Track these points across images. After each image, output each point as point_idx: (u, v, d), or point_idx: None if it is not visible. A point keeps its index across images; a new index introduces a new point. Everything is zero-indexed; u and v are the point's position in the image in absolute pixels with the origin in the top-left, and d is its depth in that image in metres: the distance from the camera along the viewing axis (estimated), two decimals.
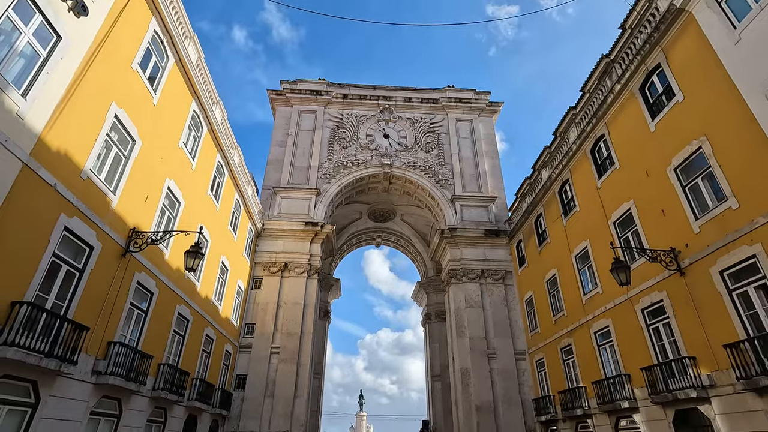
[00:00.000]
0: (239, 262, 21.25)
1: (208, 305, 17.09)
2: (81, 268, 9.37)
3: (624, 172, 14.66)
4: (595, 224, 16.19)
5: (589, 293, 16.49)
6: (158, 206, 12.75)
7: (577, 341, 17.21)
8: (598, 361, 15.63)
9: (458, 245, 25.28)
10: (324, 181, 27.13)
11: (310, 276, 23.94)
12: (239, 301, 21.59)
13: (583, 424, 16.71)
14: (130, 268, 11.28)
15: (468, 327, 22.85)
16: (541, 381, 20.67)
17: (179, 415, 14.67)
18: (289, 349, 21.61)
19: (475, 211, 26.72)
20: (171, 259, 13.65)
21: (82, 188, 9.27)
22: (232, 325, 20.42)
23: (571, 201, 18.42)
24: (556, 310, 19.40)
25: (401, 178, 28.22)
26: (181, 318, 14.65)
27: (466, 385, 21.60)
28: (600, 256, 15.90)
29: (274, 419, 19.96)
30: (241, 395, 20.45)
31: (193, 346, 15.80)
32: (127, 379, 10.74)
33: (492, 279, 24.38)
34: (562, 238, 18.87)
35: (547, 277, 20.10)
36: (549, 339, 19.71)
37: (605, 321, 15.28)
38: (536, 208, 21.72)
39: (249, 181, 22.15)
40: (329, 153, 28.33)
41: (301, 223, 24.68)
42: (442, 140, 29.72)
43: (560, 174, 19.10)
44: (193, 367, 15.78)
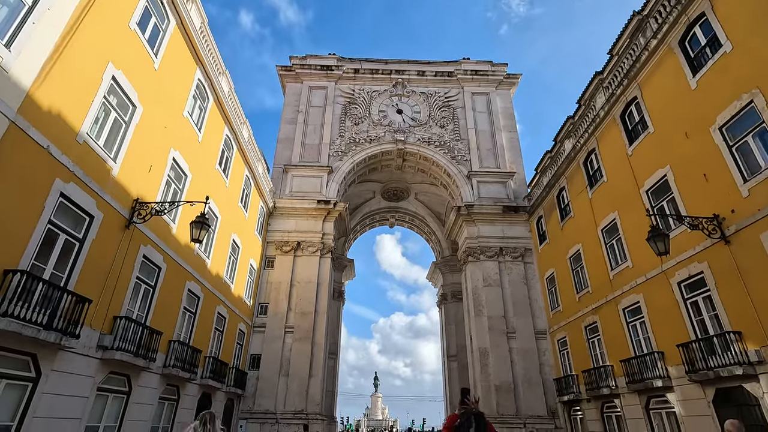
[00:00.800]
0: (251, 240, 20.78)
1: (219, 283, 16.68)
2: (81, 239, 8.86)
3: (659, 136, 13.53)
4: (625, 194, 15.14)
5: (617, 268, 15.55)
6: (163, 178, 12.17)
7: (604, 318, 16.35)
8: (627, 338, 14.78)
9: (475, 222, 24.40)
10: (336, 159, 26.37)
11: (323, 255, 23.41)
12: (252, 281, 21.21)
13: (610, 404, 15.98)
14: (135, 240, 10.77)
15: (486, 306, 22.14)
16: (563, 360, 19.93)
17: (192, 393, 14.39)
18: (303, 328, 21.25)
19: (492, 188, 25.72)
20: (179, 233, 13.15)
21: (78, 153, 8.69)
22: (245, 305, 20.08)
23: (598, 172, 17.34)
24: (579, 287, 18.51)
25: (415, 154, 27.28)
26: (192, 295, 14.23)
27: (484, 365, 21.01)
28: (630, 228, 14.90)
29: (290, 398, 19.72)
30: (255, 374, 20.22)
31: (205, 324, 15.44)
32: (135, 355, 10.34)
33: (511, 257, 23.51)
34: (587, 211, 17.85)
35: (571, 253, 19.16)
36: (572, 317, 18.88)
37: (635, 297, 14.38)
38: (558, 182, 20.65)
39: (259, 157, 21.52)
40: (341, 130, 27.49)
41: (313, 201, 24.06)
42: (457, 115, 28.58)
43: (585, 143, 17.97)
44: (206, 345, 15.44)
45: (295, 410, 19.49)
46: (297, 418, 19.25)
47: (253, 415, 19.21)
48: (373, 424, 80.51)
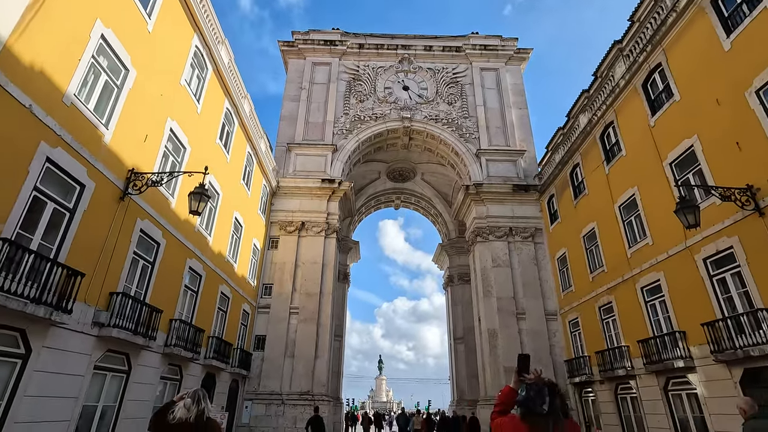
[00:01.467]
0: (254, 220, 20.23)
1: (221, 262, 16.18)
2: (72, 209, 8.28)
3: (686, 104, 12.71)
4: (646, 168, 14.38)
5: (636, 246, 14.89)
6: (160, 149, 11.54)
7: (620, 298, 15.77)
8: (645, 318, 14.21)
9: (484, 202, 23.71)
10: (340, 137, 25.60)
11: (328, 235, 22.86)
12: (255, 261, 20.74)
13: (624, 385, 15.52)
14: (131, 213, 10.20)
15: (495, 287, 21.61)
16: (575, 342, 19.45)
17: (195, 373, 14.01)
18: (308, 309, 20.84)
19: (502, 166, 24.93)
20: (178, 208, 12.57)
21: (65, 115, 8.04)
22: (249, 285, 19.64)
23: (616, 146, 16.54)
24: (594, 266, 17.90)
25: (422, 132, 26.45)
26: (193, 272, 13.73)
27: (493, 346, 20.58)
28: (651, 203, 14.20)
29: (295, 379, 19.42)
30: (260, 355, 19.91)
31: (208, 304, 14.99)
32: (134, 333, 9.88)
33: (521, 237, 22.87)
34: (603, 187, 17.11)
35: (585, 232, 18.50)
36: (585, 297, 18.32)
37: (655, 275, 13.75)
38: (572, 158, 19.85)
39: (261, 134, 20.81)
40: (345, 107, 26.64)
41: (317, 180, 23.40)
42: (465, 91, 27.61)
43: (603, 116, 17.12)
44: (209, 324, 15.02)
45: (301, 391, 19.21)
46: (303, 399, 18.98)
47: (259, 396, 18.95)
48: (377, 406, 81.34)
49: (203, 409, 3.44)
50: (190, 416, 3.35)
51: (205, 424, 3.38)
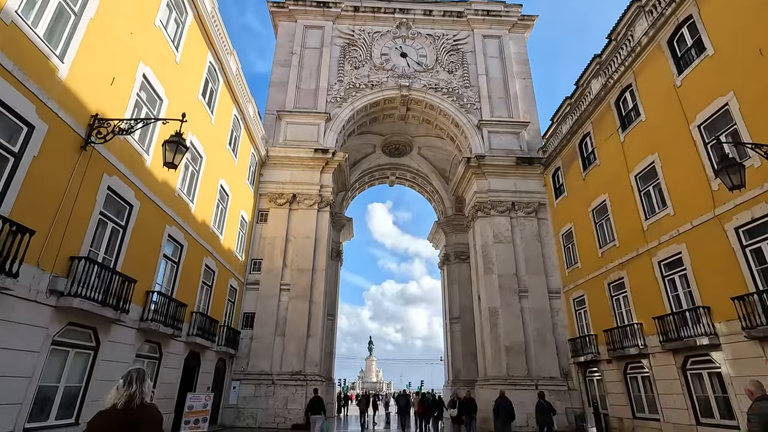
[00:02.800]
0: (242, 190, 18.81)
1: (206, 232, 14.83)
2: (17, 153, 6.86)
3: (720, 57, 11.53)
4: (669, 133, 13.28)
5: (654, 217, 13.90)
6: (131, 97, 10.04)
7: (633, 273, 14.86)
8: (663, 294, 13.31)
9: (486, 175, 22.55)
10: (334, 105, 24.05)
11: (321, 209, 21.56)
12: (243, 235, 19.40)
13: (635, 364, 14.74)
14: (96, 167, 8.79)
15: (497, 264, 20.64)
16: (580, 320, 18.66)
17: (177, 351, 12.81)
18: (300, 286, 19.66)
19: (504, 138, 23.71)
20: (155, 168, 11.14)
21: (4, 36, 6.55)
22: (236, 260, 18.35)
23: (633, 111, 15.38)
24: (603, 241, 16.95)
25: (421, 102, 25.01)
26: (173, 241, 12.39)
27: (494, 324, 19.71)
28: (673, 170, 13.14)
29: (286, 358, 18.36)
30: (249, 334, 18.76)
31: (191, 277, 13.70)
32: (102, 304, 8.60)
33: (523, 212, 21.84)
34: (617, 156, 16.02)
35: (594, 205, 17.48)
36: (592, 274, 17.43)
37: (676, 247, 12.79)
38: (582, 127, 18.69)
39: (249, 98, 19.20)
40: (339, 74, 25.00)
41: (309, 150, 21.95)
42: (467, 59, 26.12)
43: (620, 79, 15.90)
44: (192, 299, 13.76)
45: (293, 371, 18.18)
46: (295, 380, 17.97)
47: (247, 376, 17.88)
48: (367, 386, 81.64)
49: (135, 392, 2.54)
50: (119, 402, 2.54)
51: (136, 410, 2.60)
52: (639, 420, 14.48)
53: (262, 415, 17.23)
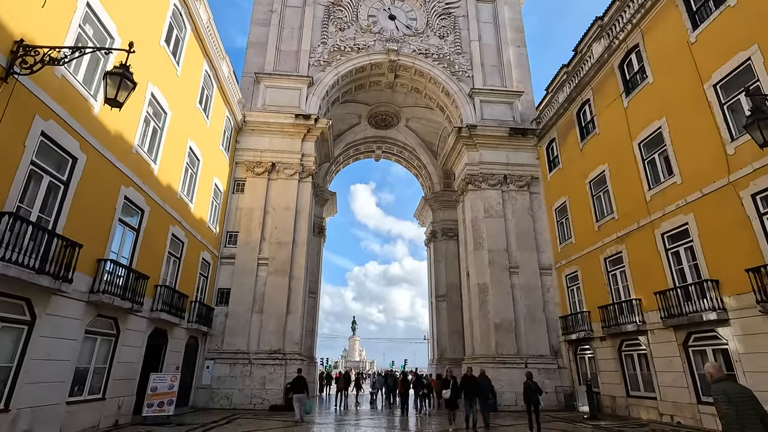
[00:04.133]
0: (215, 156, 17.25)
1: (172, 198, 13.37)
2: None
3: (743, 9, 10.47)
4: (679, 95, 12.29)
5: (658, 187, 13.03)
6: (70, 27, 8.43)
7: (633, 247, 14.09)
8: (665, 268, 12.56)
9: (477, 147, 21.43)
10: (317, 69, 22.37)
11: (303, 179, 20.16)
12: (218, 204, 17.94)
13: (631, 341, 14.12)
14: (25, 106, 7.28)
15: (487, 239, 19.73)
16: (572, 297, 17.99)
17: (138, 327, 11.50)
18: (279, 260, 18.41)
19: (497, 108, 22.53)
20: (105, 117, 9.62)
21: None
22: (209, 231, 16.93)
23: (640, 73, 14.34)
24: (601, 214, 16.13)
25: (410, 68, 23.51)
26: (131, 205, 10.93)
27: (483, 301, 18.92)
28: (682, 135, 12.21)
29: (264, 337, 17.24)
30: (224, 311, 17.52)
31: (155, 246, 12.30)
32: (37, 272, 7.24)
33: (516, 186, 20.89)
34: (619, 124, 15.04)
35: (592, 176, 16.59)
36: (587, 249, 16.67)
37: (682, 218, 11.96)
38: (581, 94, 17.63)
39: (223, 54, 17.46)
40: (323, 36, 23.24)
41: (290, 116, 20.37)
42: (459, 24, 24.62)
43: (625, 40, 14.78)
44: (156, 271, 12.40)
45: (271, 350, 17.09)
46: (273, 359, 16.90)
47: (222, 355, 16.72)
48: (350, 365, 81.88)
49: None
50: None
51: None
52: (633, 399, 13.94)
53: (238, 395, 16.17)
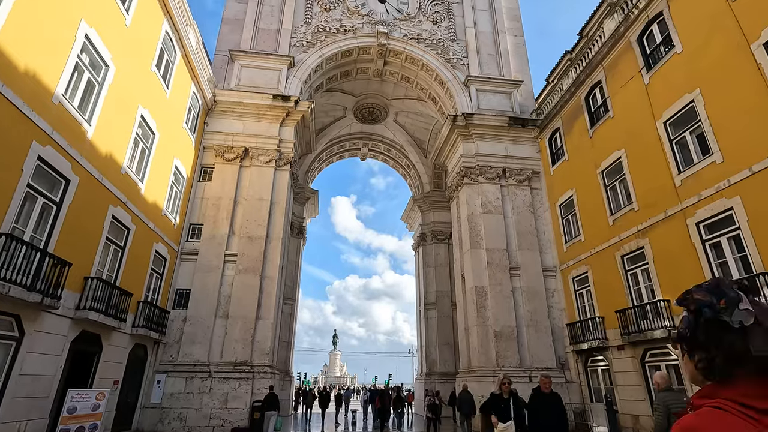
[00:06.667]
0: (176, 134, 14.88)
1: (114, 173, 10.94)
2: None
3: None
4: (716, 61, 10.64)
5: (691, 169, 11.26)
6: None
7: (658, 241, 12.25)
8: (702, 262, 10.70)
9: (473, 137, 19.59)
10: (299, 50, 20.33)
11: (280, 166, 17.89)
12: (179, 192, 15.50)
13: (658, 350, 12.17)
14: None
15: (485, 237, 17.74)
16: (581, 302, 16.06)
17: (57, 330, 8.95)
18: (249, 256, 15.98)
19: (494, 98, 20.81)
20: (11, 48, 7.27)
21: None
22: (166, 221, 14.45)
23: (664, 44, 12.70)
24: (616, 206, 14.34)
25: (400, 54, 21.69)
26: (48, 170, 8.49)
27: (481, 307, 16.81)
28: (721, 108, 10.51)
29: (229, 346, 14.69)
30: (182, 315, 14.94)
31: (83, 228, 9.81)
32: None
33: (515, 180, 19.06)
34: (638, 103, 13.35)
35: (605, 165, 14.83)
36: (600, 247, 14.81)
37: (724, 203, 10.18)
38: (591, 76, 15.99)
39: (190, 20, 15.27)
40: (307, 15, 21.28)
41: (267, 96, 18.16)
42: (453, 11, 23.04)
43: (645, 9, 13.19)
44: (84, 259, 9.88)
45: (237, 361, 14.54)
46: (239, 372, 14.34)
47: (177, 368, 14.08)
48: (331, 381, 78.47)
49: None
50: None
51: None
52: None
53: (194, 416, 13.52)
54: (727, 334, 1.00)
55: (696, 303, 1.07)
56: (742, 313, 1.00)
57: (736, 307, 1.01)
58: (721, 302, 1.03)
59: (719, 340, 1.01)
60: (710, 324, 1.03)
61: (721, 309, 1.02)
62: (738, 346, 0.98)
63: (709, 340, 1.02)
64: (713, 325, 1.02)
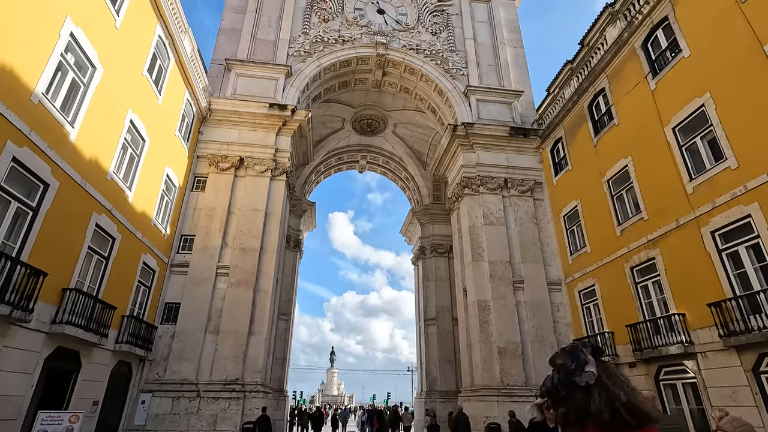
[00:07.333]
0: (168, 141, 14.43)
1: (98, 177, 10.41)
2: None
3: None
4: (726, 65, 10.28)
5: (703, 175, 10.80)
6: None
7: (670, 251, 11.69)
8: (719, 273, 10.14)
9: (474, 147, 19.20)
10: (297, 60, 20.08)
11: (276, 176, 17.40)
12: (170, 201, 14.96)
13: (673, 367, 11.47)
14: None
15: (487, 249, 17.16)
16: (588, 316, 15.40)
17: (27, 345, 8.26)
18: (243, 269, 15.34)
19: (495, 109, 20.51)
20: None
21: None
22: (156, 231, 13.87)
23: (670, 48, 12.39)
24: (624, 216, 13.83)
25: (399, 64, 21.48)
26: (24, 173, 7.96)
27: (484, 322, 16.12)
28: (730, 114, 10.11)
29: (219, 363, 13.93)
30: (171, 330, 14.21)
31: (65, 237, 9.24)
32: None
33: (517, 191, 18.58)
34: (644, 109, 12.98)
35: (611, 174, 14.38)
36: (607, 258, 14.24)
37: (741, 209, 9.67)
38: (594, 84, 15.68)
39: (185, 27, 15.00)
40: (305, 26, 21.12)
41: (263, 105, 17.80)
42: (452, 22, 22.96)
43: (650, 14, 12.93)
44: (63, 269, 9.26)
45: (227, 379, 13.76)
46: (229, 390, 13.54)
47: (163, 386, 13.29)
48: (328, 399, 76.61)
49: None
50: None
51: None
52: None
53: None
54: (576, 392, 1.21)
55: (556, 365, 1.30)
56: (587, 374, 1.20)
57: (582, 369, 1.21)
58: (572, 365, 1.23)
59: (571, 396, 1.21)
60: (564, 383, 1.24)
61: (572, 371, 1.23)
62: (583, 402, 1.18)
63: (565, 397, 1.23)
64: (567, 384, 1.23)
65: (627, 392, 1.17)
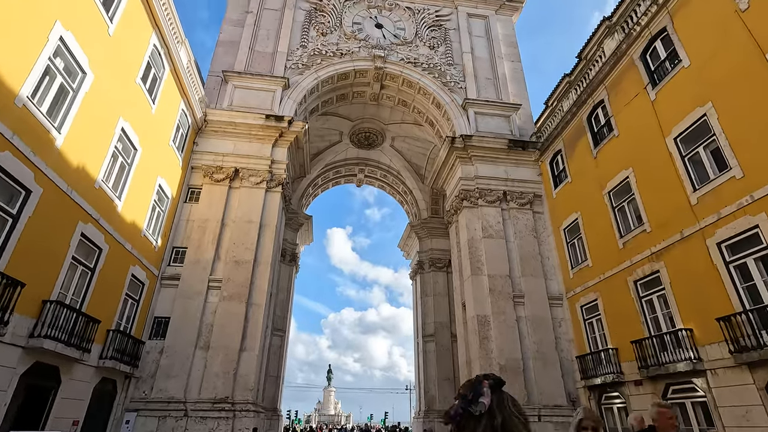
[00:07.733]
0: (161, 151, 14.17)
1: (85, 186, 10.09)
2: None
3: None
4: (728, 74, 10.15)
5: (708, 186, 10.55)
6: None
7: (674, 264, 11.36)
8: (728, 286, 9.78)
9: (472, 160, 19.01)
10: (295, 72, 20.04)
11: (271, 188, 17.11)
12: (162, 213, 14.62)
13: (681, 385, 11.00)
14: None
15: (487, 262, 16.79)
16: (590, 332, 14.95)
17: (3, 361, 7.79)
18: (235, 282, 14.91)
19: (493, 122, 20.41)
20: None
21: None
22: (146, 243, 13.49)
23: (669, 59, 12.29)
24: (626, 228, 13.53)
25: (397, 77, 21.46)
26: (5, 178, 7.64)
27: (484, 338, 15.64)
28: (733, 123, 9.92)
29: (208, 380, 13.37)
30: (159, 346, 13.69)
31: (48, 246, 8.86)
32: None
33: (517, 203, 18.31)
34: (644, 120, 12.82)
35: (611, 186, 14.14)
36: (610, 272, 13.88)
37: (748, 220, 9.38)
38: (593, 96, 15.57)
39: (181, 38, 14.92)
40: (303, 40, 21.17)
41: (260, 116, 17.64)
42: (450, 37, 23.06)
43: (648, 26, 12.89)
44: (47, 282, 8.87)
45: (216, 397, 13.18)
46: (218, 409, 12.96)
47: (149, 405, 12.71)
48: (325, 419, 74.87)
49: None
50: None
51: None
52: None
53: None
54: (471, 420, 1.41)
55: (459, 395, 1.49)
56: (480, 404, 1.41)
57: (477, 399, 1.42)
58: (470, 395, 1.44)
59: (466, 424, 1.42)
60: (464, 412, 1.44)
61: (469, 401, 1.43)
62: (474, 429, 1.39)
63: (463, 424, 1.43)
64: (465, 413, 1.43)
65: (506, 418, 1.39)
